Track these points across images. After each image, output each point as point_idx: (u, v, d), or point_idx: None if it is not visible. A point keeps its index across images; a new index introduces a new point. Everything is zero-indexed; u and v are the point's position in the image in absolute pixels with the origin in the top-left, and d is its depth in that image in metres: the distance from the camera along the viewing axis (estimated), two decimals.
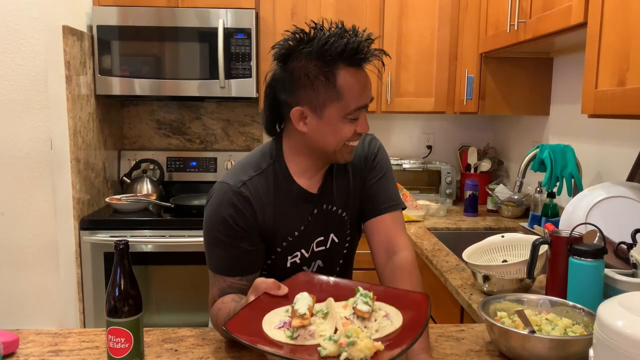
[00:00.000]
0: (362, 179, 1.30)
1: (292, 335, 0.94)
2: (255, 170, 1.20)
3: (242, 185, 1.17)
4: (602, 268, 1.25)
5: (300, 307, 0.95)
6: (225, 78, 2.56)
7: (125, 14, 2.54)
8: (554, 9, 1.70)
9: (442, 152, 3.18)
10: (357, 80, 1.13)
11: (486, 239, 1.74)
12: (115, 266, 1.00)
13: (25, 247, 2.18)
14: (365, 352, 0.86)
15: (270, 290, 1.04)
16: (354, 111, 1.13)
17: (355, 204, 1.30)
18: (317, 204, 1.24)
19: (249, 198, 1.17)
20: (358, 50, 1.12)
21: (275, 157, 1.22)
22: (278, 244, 1.23)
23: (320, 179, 1.25)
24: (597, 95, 1.41)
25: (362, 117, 1.17)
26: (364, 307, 0.96)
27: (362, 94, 1.14)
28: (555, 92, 2.51)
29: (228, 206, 1.16)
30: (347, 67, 1.12)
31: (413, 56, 2.73)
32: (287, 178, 1.21)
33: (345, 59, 1.11)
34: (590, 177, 2.13)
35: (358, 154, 1.29)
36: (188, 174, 2.98)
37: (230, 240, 1.17)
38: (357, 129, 1.16)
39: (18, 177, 2.14)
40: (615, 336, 0.82)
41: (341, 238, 1.30)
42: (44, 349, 1.15)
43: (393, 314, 0.99)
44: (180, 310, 2.49)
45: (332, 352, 0.87)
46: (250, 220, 1.17)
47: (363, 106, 1.15)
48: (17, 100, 2.11)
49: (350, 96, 1.12)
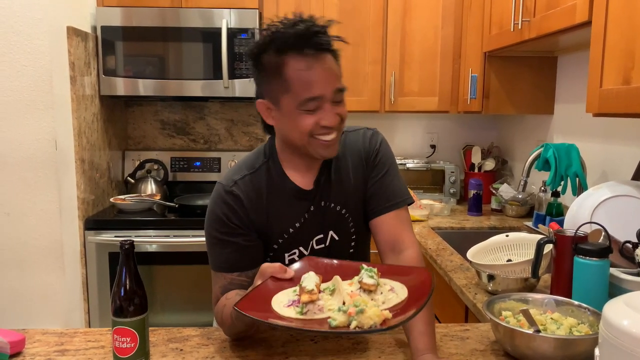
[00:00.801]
0: (364, 177, 1.27)
1: (301, 310, 0.96)
2: (249, 169, 1.22)
3: (233, 184, 1.20)
4: (607, 267, 1.25)
5: (307, 284, 0.97)
6: (229, 78, 2.56)
7: (129, 14, 2.55)
8: (558, 7, 1.70)
9: (446, 151, 3.17)
10: (308, 69, 1.07)
11: (490, 239, 1.73)
12: (120, 266, 1.01)
13: (30, 247, 2.19)
14: (374, 319, 0.89)
15: (277, 273, 1.05)
16: (307, 102, 1.08)
17: (358, 202, 1.27)
18: (313, 200, 1.23)
19: (240, 197, 1.19)
20: (306, 38, 1.08)
21: (269, 155, 1.24)
22: (274, 242, 1.23)
23: (314, 175, 1.23)
24: (602, 94, 1.40)
25: (326, 109, 1.10)
26: (370, 280, 0.99)
27: (316, 84, 1.07)
28: (560, 91, 2.50)
29: (222, 205, 1.19)
30: (296, 57, 1.08)
31: (417, 55, 2.73)
32: (281, 175, 1.22)
33: (294, 49, 1.08)
34: (595, 176, 2.12)
35: (358, 149, 1.27)
36: (192, 174, 2.99)
37: (227, 238, 1.19)
38: (321, 122, 1.10)
39: (23, 177, 2.15)
40: (621, 335, 0.82)
41: (343, 236, 1.28)
42: (50, 349, 1.15)
43: (398, 288, 1.01)
44: (185, 310, 2.50)
45: (342, 322, 0.89)
46: (243, 217, 1.19)
47: (318, 97, 1.08)
48: (22, 101, 2.12)
49: (299, 87, 1.08)
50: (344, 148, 1.26)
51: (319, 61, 1.09)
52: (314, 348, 1.15)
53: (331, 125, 1.11)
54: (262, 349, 1.14)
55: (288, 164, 1.22)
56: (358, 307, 0.90)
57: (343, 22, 2.68)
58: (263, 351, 1.14)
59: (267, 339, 1.20)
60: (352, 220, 1.28)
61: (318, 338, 1.20)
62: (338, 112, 1.12)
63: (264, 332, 1.22)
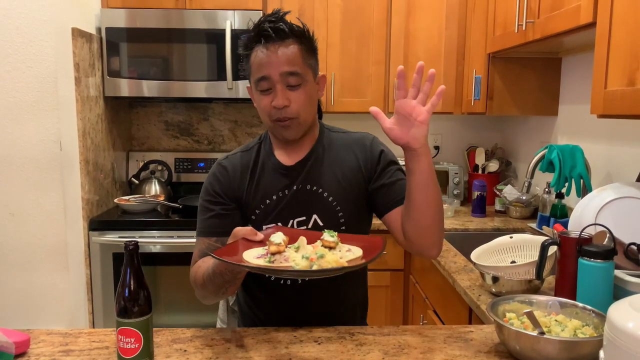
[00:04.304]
0: (360, 178, 1.33)
1: (269, 260, 1.07)
2: (243, 149, 1.39)
3: (225, 159, 1.37)
4: (612, 269, 1.25)
5: (275, 239, 1.09)
6: (232, 79, 2.57)
7: (134, 16, 2.56)
8: (563, 8, 1.69)
9: (449, 152, 3.17)
10: (260, 54, 1.23)
11: (494, 240, 1.73)
12: (125, 267, 1.01)
13: (35, 248, 2.20)
14: (332, 264, 1.02)
15: (248, 235, 1.13)
16: (259, 81, 1.24)
17: (349, 197, 1.32)
18: (295, 179, 1.32)
19: (227, 168, 1.35)
20: (261, 29, 1.23)
21: (264, 137, 1.39)
22: (252, 212, 1.33)
23: (300, 157, 1.33)
24: (607, 95, 1.40)
25: (277, 90, 1.23)
26: (330, 239, 1.10)
27: (264, 65, 1.22)
28: (564, 92, 2.49)
29: (211, 176, 1.36)
30: (257, 45, 1.24)
31: (420, 56, 2.72)
32: (269, 153, 1.36)
33: (256, 39, 1.24)
34: (599, 178, 2.11)
35: (356, 152, 1.34)
36: (196, 174, 2.99)
37: (208, 205, 1.33)
38: (272, 103, 1.24)
39: (28, 178, 2.16)
40: (626, 338, 0.82)
41: (329, 223, 1.31)
42: (54, 349, 1.16)
43: (354, 249, 1.12)
44: (189, 311, 2.50)
45: (304, 267, 1.02)
46: (225, 186, 1.33)
47: (265, 76, 1.22)
48: (27, 101, 2.13)
49: (254, 68, 1.25)
50: (340, 145, 1.36)
51: (272, 47, 1.22)
52: (318, 349, 1.15)
53: (277, 105, 1.23)
54: (266, 350, 1.15)
55: (276, 145, 1.36)
56: (319, 254, 1.03)
57: (347, 23, 2.68)
58: (267, 352, 1.14)
59: (270, 340, 1.20)
60: (341, 211, 1.32)
61: (322, 339, 1.20)
62: (288, 96, 1.23)
63: (267, 333, 1.22)
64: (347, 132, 1.41)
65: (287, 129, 1.27)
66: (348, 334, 1.23)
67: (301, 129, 1.29)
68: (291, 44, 1.23)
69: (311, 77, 1.27)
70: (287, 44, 1.23)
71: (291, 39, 1.23)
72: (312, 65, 1.28)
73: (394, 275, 2.56)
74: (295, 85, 1.24)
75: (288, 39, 1.23)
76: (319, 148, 1.35)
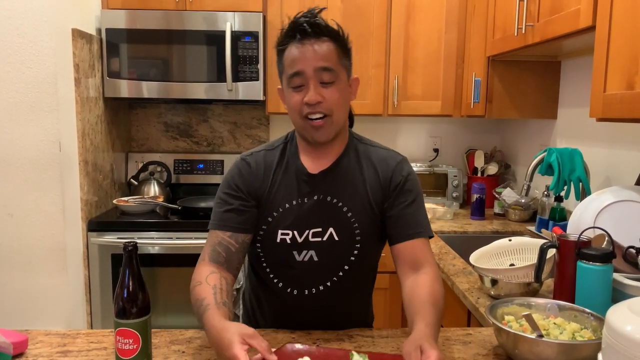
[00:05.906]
0: (379, 197, 1.28)
1: None
2: (268, 147, 1.34)
3: (249, 155, 1.32)
4: (610, 272, 1.25)
5: None
6: (232, 81, 2.57)
7: (134, 17, 2.56)
8: (562, 12, 1.70)
9: (449, 155, 3.17)
10: (295, 50, 1.20)
11: (493, 243, 1.73)
12: (123, 268, 1.01)
13: (33, 249, 2.20)
14: None
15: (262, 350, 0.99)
16: (292, 77, 1.20)
17: (368, 214, 1.28)
18: (316, 189, 1.27)
19: (250, 164, 1.30)
20: (296, 24, 1.20)
21: (290, 138, 1.34)
22: (269, 214, 1.28)
23: (325, 165, 1.29)
24: (606, 99, 1.40)
25: (309, 87, 1.19)
26: None
27: (298, 60, 1.19)
28: (563, 96, 2.50)
29: (233, 170, 1.31)
30: (291, 42, 1.21)
31: (420, 59, 2.73)
32: (294, 155, 1.31)
33: (290, 36, 1.21)
34: (598, 181, 2.12)
35: (381, 169, 1.29)
36: (195, 176, 2.99)
37: (227, 198, 1.28)
38: (305, 99, 1.19)
39: (27, 178, 2.16)
40: (625, 341, 0.82)
41: (345, 238, 1.27)
42: (52, 350, 1.16)
43: None
44: (188, 312, 2.50)
45: None
46: (247, 182, 1.28)
47: (299, 72, 1.19)
48: (27, 102, 2.13)
49: (287, 65, 1.21)
50: (365, 158, 1.31)
51: (307, 43, 1.19)
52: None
53: (310, 100, 1.19)
54: None
55: (302, 149, 1.31)
56: None
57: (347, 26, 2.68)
58: None
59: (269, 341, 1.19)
60: (358, 228, 1.27)
61: (320, 341, 1.20)
62: (321, 92, 1.19)
63: (266, 334, 1.22)
64: (376, 147, 1.35)
65: (319, 130, 1.22)
66: (347, 336, 1.23)
67: (333, 130, 1.23)
68: (326, 41, 1.20)
69: (345, 77, 1.24)
70: (323, 40, 1.19)
71: (326, 37, 1.20)
72: (346, 65, 1.25)
73: (393, 278, 2.56)
74: (329, 82, 1.20)
75: (323, 36, 1.20)
76: (345, 158, 1.30)
